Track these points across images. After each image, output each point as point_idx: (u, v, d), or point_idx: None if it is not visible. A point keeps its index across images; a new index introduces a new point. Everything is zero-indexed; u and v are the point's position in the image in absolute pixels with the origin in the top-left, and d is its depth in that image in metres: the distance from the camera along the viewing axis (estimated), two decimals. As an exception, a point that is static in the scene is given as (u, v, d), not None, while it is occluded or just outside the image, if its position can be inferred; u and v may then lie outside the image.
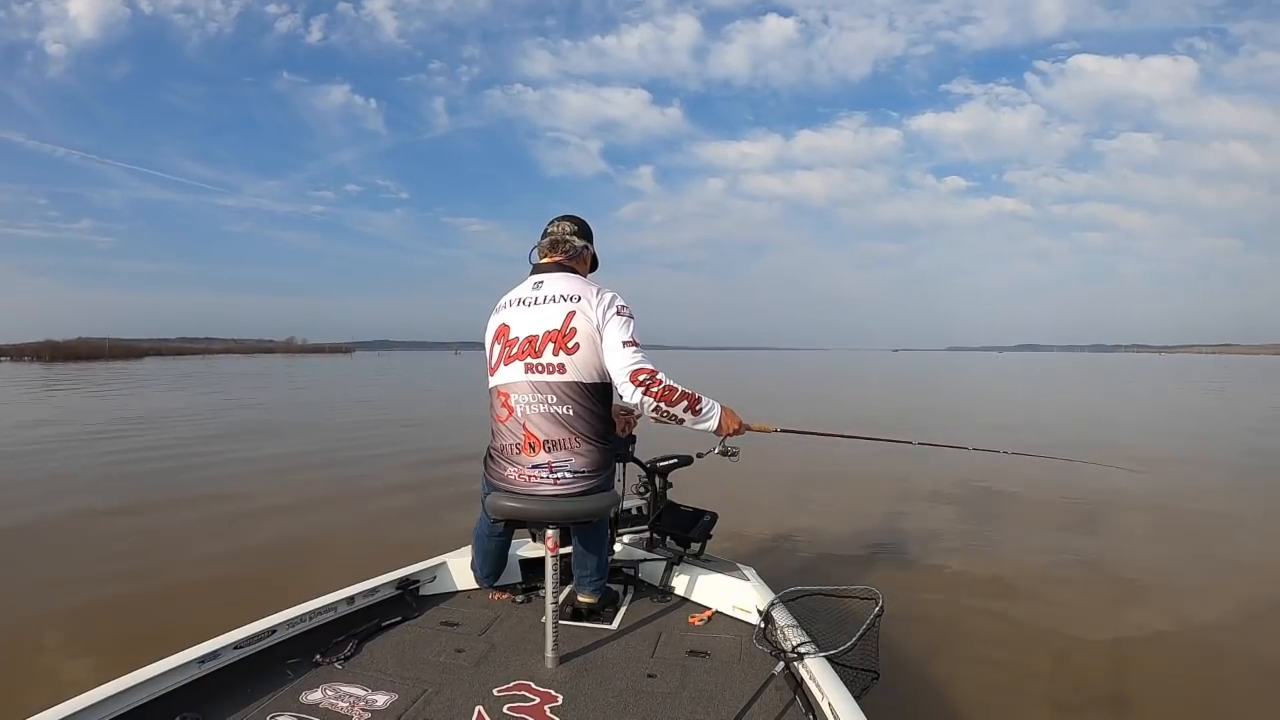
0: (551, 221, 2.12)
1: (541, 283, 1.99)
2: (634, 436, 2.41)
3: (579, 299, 1.91)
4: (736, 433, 2.05)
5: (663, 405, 1.87)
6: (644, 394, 1.84)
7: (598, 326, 1.89)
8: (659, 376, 1.86)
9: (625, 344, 1.87)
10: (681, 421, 1.93)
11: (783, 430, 2.29)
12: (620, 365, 1.86)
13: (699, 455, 2.30)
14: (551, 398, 1.89)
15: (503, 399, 1.95)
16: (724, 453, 2.16)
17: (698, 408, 1.93)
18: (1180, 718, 2.49)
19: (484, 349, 2.08)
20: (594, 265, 2.20)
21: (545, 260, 2.06)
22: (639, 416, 2.31)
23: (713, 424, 1.98)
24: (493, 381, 1.99)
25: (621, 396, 1.90)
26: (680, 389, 1.89)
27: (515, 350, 1.94)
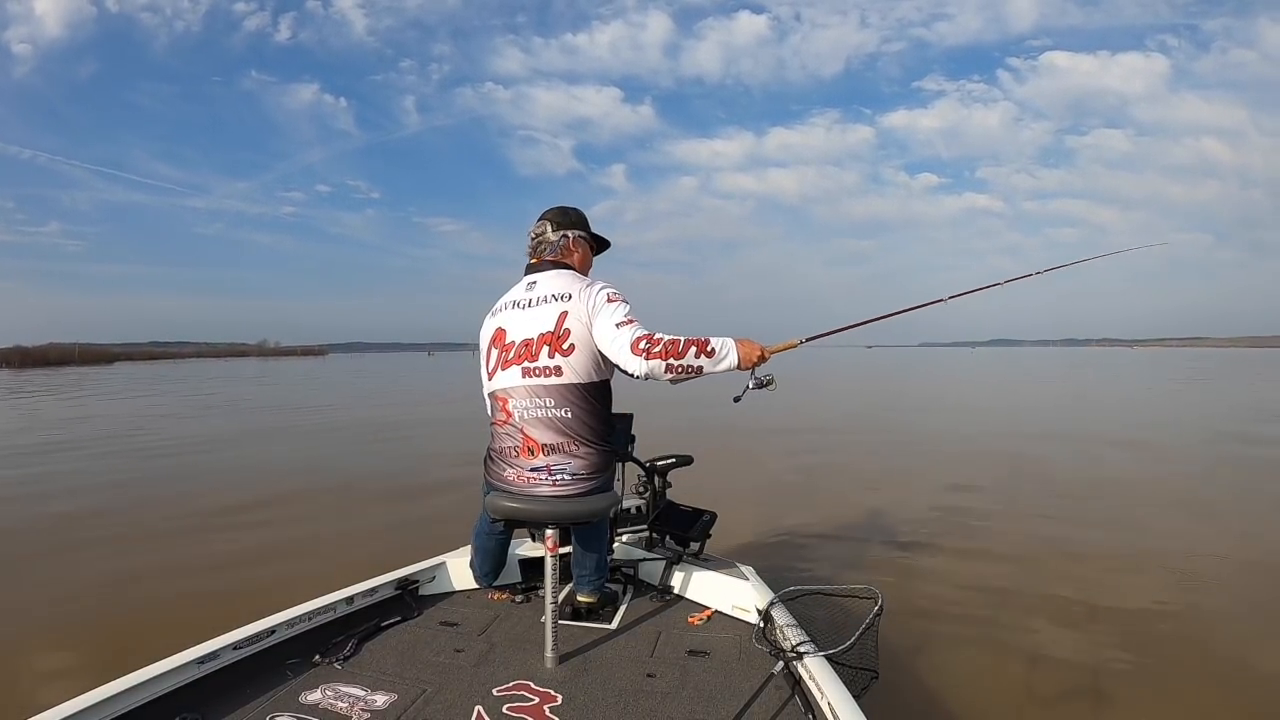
0: (534, 223, 2.09)
1: (534, 283, 1.97)
2: (634, 436, 2.41)
3: (570, 297, 1.89)
4: (761, 361, 1.92)
5: (673, 362, 1.79)
6: (646, 359, 1.78)
7: (588, 323, 1.86)
8: (656, 335, 1.81)
9: (620, 325, 1.83)
10: (701, 370, 1.83)
11: (806, 340, 2.10)
12: (619, 346, 1.81)
13: (736, 399, 2.04)
14: (549, 401, 1.88)
15: (501, 403, 1.94)
16: (760, 385, 1.98)
17: (709, 349, 1.83)
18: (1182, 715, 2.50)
19: (477, 352, 2.07)
20: (600, 246, 2.16)
21: (534, 261, 2.05)
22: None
23: (732, 360, 1.86)
24: (491, 386, 1.98)
25: (631, 374, 1.83)
26: (682, 338, 1.81)
27: (512, 355, 1.92)
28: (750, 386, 1.99)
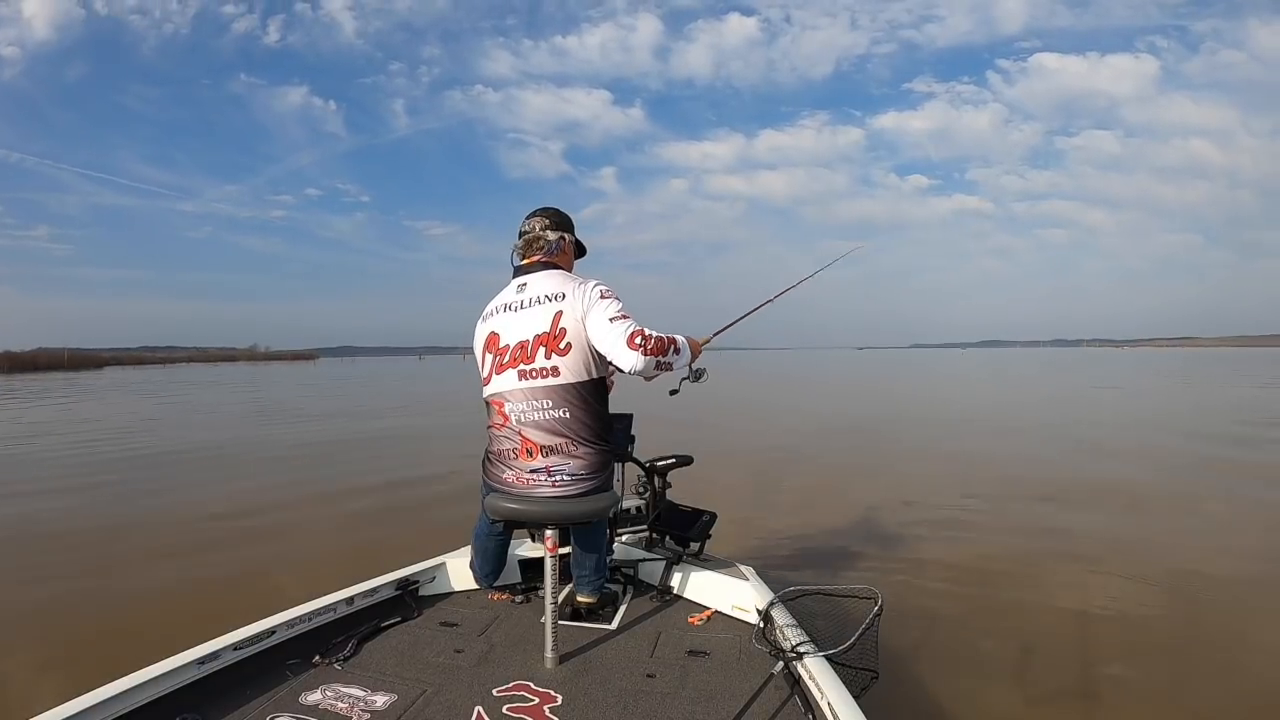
0: (525, 219, 2.08)
1: (525, 285, 1.97)
2: (634, 436, 2.40)
3: (563, 297, 1.90)
4: (698, 354, 2.07)
5: (660, 358, 1.87)
6: (644, 354, 1.82)
7: (583, 319, 1.87)
8: (649, 333, 1.85)
9: (614, 320, 1.85)
10: (672, 366, 1.93)
11: (714, 335, 2.32)
12: (615, 338, 1.83)
13: (672, 393, 2.20)
14: (547, 402, 1.88)
15: (498, 407, 1.94)
16: (695, 378, 2.11)
17: (677, 345, 1.94)
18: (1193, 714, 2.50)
19: (471, 357, 2.07)
20: (580, 252, 2.17)
21: (525, 261, 2.04)
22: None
23: (687, 355, 2.00)
24: (486, 391, 1.98)
25: (623, 369, 1.87)
26: (665, 335, 1.90)
27: (507, 358, 1.92)
28: (689, 380, 2.11)
